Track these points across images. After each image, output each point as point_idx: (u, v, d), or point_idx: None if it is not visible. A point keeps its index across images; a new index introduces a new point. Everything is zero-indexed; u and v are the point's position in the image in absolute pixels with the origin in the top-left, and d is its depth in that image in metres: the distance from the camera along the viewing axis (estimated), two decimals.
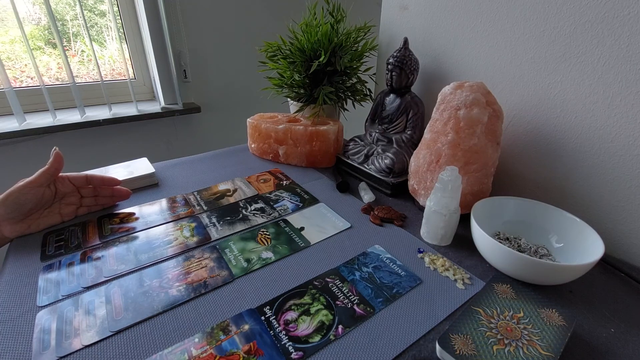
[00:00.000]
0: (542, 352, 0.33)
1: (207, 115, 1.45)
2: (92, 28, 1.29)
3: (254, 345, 0.35)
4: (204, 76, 1.40)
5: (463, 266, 0.47)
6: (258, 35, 1.44)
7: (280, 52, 0.80)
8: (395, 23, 0.79)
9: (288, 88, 0.81)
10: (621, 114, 0.48)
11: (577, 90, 0.52)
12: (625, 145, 0.49)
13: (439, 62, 0.71)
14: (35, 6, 1.17)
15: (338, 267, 0.46)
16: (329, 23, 0.74)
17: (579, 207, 0.55)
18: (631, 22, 0.45)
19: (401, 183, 0.65)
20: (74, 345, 0.35)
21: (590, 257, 0.41)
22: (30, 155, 1.14)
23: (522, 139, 0.60)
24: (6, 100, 1.06)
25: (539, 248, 0.49)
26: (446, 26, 0.68)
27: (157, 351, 0.34)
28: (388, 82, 0.70)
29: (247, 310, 0.39)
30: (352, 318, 0.39)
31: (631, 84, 0.47)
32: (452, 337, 0.34)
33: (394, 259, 0.48)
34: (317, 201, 0.62)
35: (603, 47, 0.48)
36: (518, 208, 0.52)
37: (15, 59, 1.17)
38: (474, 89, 0.52)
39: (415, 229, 0.56)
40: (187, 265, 0.46)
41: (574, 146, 0.54)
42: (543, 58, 0.55)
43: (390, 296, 0.42)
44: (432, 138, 0.56)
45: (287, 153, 0.75)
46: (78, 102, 1.16)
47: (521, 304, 0.39)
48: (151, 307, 0.39)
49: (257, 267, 0.46)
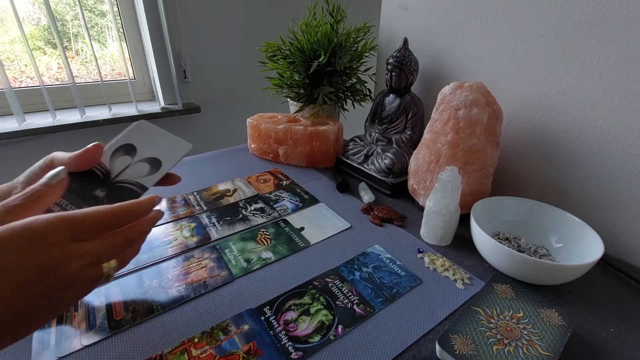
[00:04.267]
0: (541, 352, 0.33)
1: (207, 115, 1.45)
2: (92, 28, 1.29)
3: (254, 346, 0.35)
4: (203, 76, 1.40)
5: (463, 266, 0.47)
6: (258, 35, 1.44)
7: (280, 52, 0.80)
8: (395, 23, 0.79)
9: (288, 88, 0.81)
10: (621, 114, 0.48)
11: (576, 91, 0.52)
12: (624, 146, 0.49)
13: (439, 62, 0.71)
14: (35, 6, 1.17)
15: (338, 267, 0.46)
16: (329, 23, 0.74)
17: (578, 207, 0.55)
18: (631, 22, 0.45)
19: (401, 183, 0.65)
20: (73, 345, 0.35)
21: (590, 257, 0.41)
22: (30, 156, 1.14)
23: (521, 139, 0.60)
24: (6, 101, 1.06)
25: (538, 248, 0.49)
26: (446, 26, 0.68)
27: (157, 351, 0.34)
28: (388, 82, 0.70)
29: (247, 310, 0.39)
30: (352, 318, 0.39)
31: (631, 84, 0.47)
32: (452, 337, 0.34)
33: (394, 259, 0.48)
34: (317, 201, 0.62)
35: (603, 47, 0.48)
36: (518, 208, 0.52)
37: (15, 59, 1.16)
38: (474, 89, 0.52)
39: (415, 229, 0.56)
40: (186, 266, 0.46)
41: (573, 146, 0.54)
42: (543, 58, 0.55)
43: (390, 296, 0.42)
44: (432, 138, 0.56)
45: (287, 153, 0.75)
46: (78, 102, 1.16)
47: (521, 304, 0.39)
48: (151, 307, 0.39)
49: (257, 267, 0.46)
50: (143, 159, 0.40)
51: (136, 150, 0.40)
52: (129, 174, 0.38)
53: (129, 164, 0.39)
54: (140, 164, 0.40)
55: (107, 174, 0.38)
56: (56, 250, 0.25)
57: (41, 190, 0.28)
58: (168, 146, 0.41)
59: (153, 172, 0.39)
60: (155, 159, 0.40)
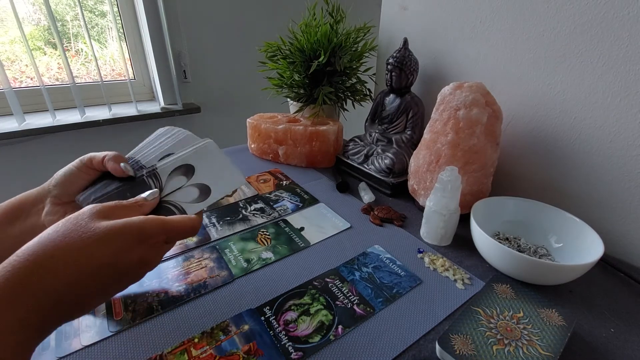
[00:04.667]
0: (541, 352, 0.33)
1: (207, 116, 1.46)
2: (92, 29, 1.29)
3: (254, 346, 0.35)
4: (203, 76, 1.40)
5: (463, 266, 0.47)
6: (258, 35, 1.44)
7: (280, 52, 0.80)
8: (395, 23, 0.79)
9: (288, 88, 0.81)
10: (621, 114, 0.48)
11: (576, 91, 0.52)
12: (624, 146, 0.49)
13: (439, 63, 0.71)
14: (35, 6, 1.17)
15: (338, 267, 0.46)
16: (329, 23, 0.74)
17: (578, 207, 0.55)
18: (631, 22, 0.45)
19: (401, 183, 0.65)
20: (73, 345, 0.35)
21: (590, 257, 0.41)
22: (30, 156, 1.14)
23: (521, 139, 0.60)
24: (6, 101, 1.06)
25: (538, 248, 0.49)
26: (446, 26, 0.68)
27: (157, 351, 0.34)
28: (388, 82, 0.70)
29: (246, 310, 0.39)
30: (352, 318, 0.39)
31: (631, 84, 0.47)
32: (452, 337, 0.34)
33: (394, 259, 0.48)
34: (317, 201, 0.62)
35: (603, 47, 0.48)
36: (517, 208, 0.52)
37: (15, 60, 1.17)
38: (474, 89, 0.52)
39: (415, 229, 0.56)
40: (186, 266, 0.46)
41: (573, 146, 0.54)
42: (543, 58, 0.55)
43: (390, 296, 0.42)
44: (432, 138, 0.56)
45: (286, 153, 0.75)
46: (78, 103, 1.16)
47: (521, 304, 0.39)
48: (151, 307, 0.39)
49: (257, 267, 0.46)
50: (196, 183, 0.38)
51: (194, 173, 0.39)
52: (179, 196, 0.37)
53: (182, 186, 0.38)
54: (191, 188, 0.38)
55: (131, 178, 0.39)
56: (154, 250, 0.31)
57: (143, 203, 0.35)
58: (223, 177, 0.39)
59: (199, 200, 0.37)
60: (207, 186, 0.38)
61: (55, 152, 1.18)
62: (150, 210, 0.35)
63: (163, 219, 0.31)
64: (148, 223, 0.30)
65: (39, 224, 0.39)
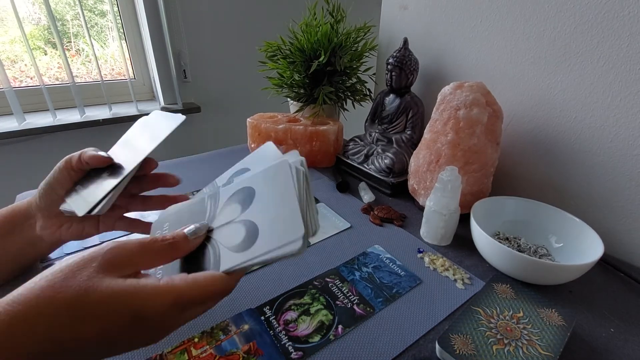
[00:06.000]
0: (541, 351, 0.33)
1: (207, 115, 1.45)
2: (93, 28, 1.29)
3: (254, 345, 0.35)
4: (203, 76, 1.40)
5: (463, 266, 0.47)
6: (258, 35, 1.44)
7: (280, 52, 0.80)
8: (395, 23, 0.78)
9: (288, 88, 0.81)
10: (621, 114, 0.48)
11: (577, 90, 0.52)
12: (624, 146, 0.49)
13: (439, 62, 0.71)
14: (35, 6, 1.17)
15: (338, 267, 0.46)
16: (329, 23, 0.74)
17: (578, 207, 0.55)
18: (631, 22, 0.45)
19: (401, 183, 0.65)
20: None
21: (590, 257, 0.41)
22: (30, 155, 1.14)
23: (521, 139, 0.60)
24: (6, 100, 1.06)
25: (538, 248, 0.49)
26: (446, 26, 0.68)
27: (157, 351, 0.34)
28: (388, 82, 0.70)
29: (246, 310, 0.39)
30: (352, 318, 0.39)
31: (631, 84, 0.47)
32: (452, 337, 0.34)
33: (394, 259, 0.48)
34: (317, 201, 0.62)
35: (603, 47, 0.48)
36: (518, 208, 0.52)
37: (15, 59, 1.16)
38: (474, 89, 0.52)
39: (415, 229, 0.56)
40: None
41: (573, 146, 0.54)
42: (543, 58, 0.55)
43: (390, 296, 0.42)
44: (432, 138, 0.56)
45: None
46: (78, 102, 1.16)
47: (521, 304, 0.39)
48: None
49: (257, 267, 0.46)
50: (247, 220, 0.26)
51: (251, 204, 0.27)
52: (223, 235, 0.27)
53: (232, 220, 0.27)
54: (239, 225, 0.27)
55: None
56: (164, 330, 0.24)
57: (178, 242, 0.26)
58: (282, 220, 0.25)
59: (239, 249, 0.25)
60: (257, 229, 0.26)
61: (56, 151, 1.18)
62: (188, 254, 0.27)
63: (178, 291, 0.23)
64: (152, 300, 0.22)
65: (35, 236, 0.38)
